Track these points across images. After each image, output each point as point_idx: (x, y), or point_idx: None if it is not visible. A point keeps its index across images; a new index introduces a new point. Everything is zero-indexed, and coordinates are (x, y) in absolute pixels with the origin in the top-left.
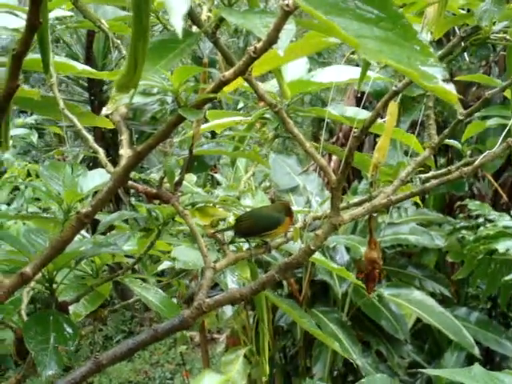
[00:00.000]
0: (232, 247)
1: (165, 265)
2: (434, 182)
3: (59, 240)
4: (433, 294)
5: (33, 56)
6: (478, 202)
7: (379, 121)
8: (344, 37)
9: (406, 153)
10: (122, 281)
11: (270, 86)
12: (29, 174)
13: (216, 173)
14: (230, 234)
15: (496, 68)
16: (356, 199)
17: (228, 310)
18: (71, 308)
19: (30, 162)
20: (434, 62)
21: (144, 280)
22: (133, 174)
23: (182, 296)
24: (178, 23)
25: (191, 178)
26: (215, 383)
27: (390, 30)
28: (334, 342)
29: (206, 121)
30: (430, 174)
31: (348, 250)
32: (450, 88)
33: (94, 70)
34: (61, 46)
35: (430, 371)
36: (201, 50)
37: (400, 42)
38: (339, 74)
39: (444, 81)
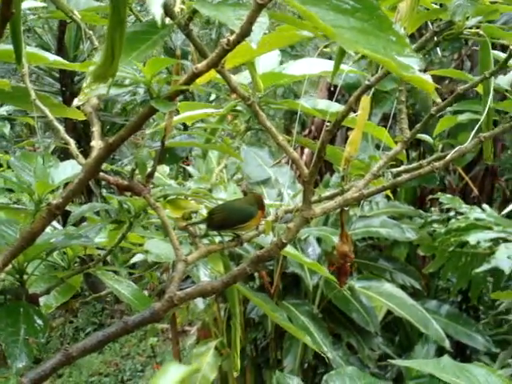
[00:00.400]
0: (205, 240)
1: (137, 257)
2: (405, 176)
3: (30, 231)
4: (403, 287)
5: (4, 47)
6: (449, 196)
7: (351, 115)
8: (321, 26)
9: (377, 146)
10: (94, 273)
11: (242, 78)
12: None
13: (188, 165)
14: (202, 226)
15: (468, 62)
16: (328, 193)
17: (200, 303)
18: (42, 300)
19: (0, 153)
20: (409, 53)
21: (116, 272)
22: (104, 166)
23: (154, 288)
24: (157, 11)
25: (164, 169)
26: (181, 374)
27: (365, 21)
28: (305, 336)
29: (178, 112)
30: (402, 168)
31: (320, 242)
32: (427, 78)
33: (65, 61)
34: (32, 37)
35: (400, 362)
36: (172, 42)
37: (376, 32)
38: (311, 66)
39: (420, 71)
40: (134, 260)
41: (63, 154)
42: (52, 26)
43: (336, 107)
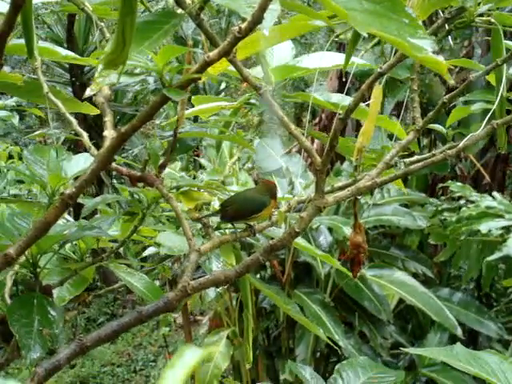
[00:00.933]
0: (217, 233)
1: (149, 251)
2: (418, 164)
3: (43, 221)
4: (415, 275)
5: (16, 41)
6: (460, 184)
7: (362, 105)
8: (335, 8)
9: (389, 136)
10: (107, 266)
11: (256, 72)
12: (10, 157)
13: (198, 155)
14: (214, 219)
15: (478, 49)
16: (340, 183)
17: (211, 292)
18: (55, 292)
19: (10, 144)
20: (422, 35)
21: (128, 265)
22: (116, 158)
23: (163, 278)
24: None
25: (175, 164)
26: (197, 357)
27: (378, 3)
28: (318, 329)
29: (192, 106)
30: (415, 158)
31: (331, 230)
32: (440, 59)
33: (77, 56)
34: (41, 27)
35: (413, 350)
36: (183, 31)
37: (388, 14)
38: (324, 59)
39: (434, 53)
40: (146, 253)
41: (73, 145)
42: (61, 18)
43: (348, 100)
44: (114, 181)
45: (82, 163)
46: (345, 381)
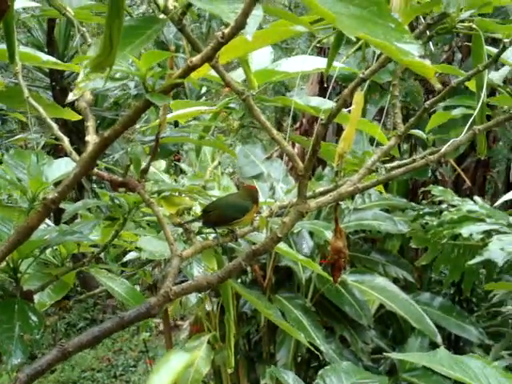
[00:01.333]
0: (198, 238)
1: (130, 255)
2: (399, 169)
3: (25, 226)
4: (396, 280)
5: None
6: (441, 188)
7: (344, 110)
8: (322, 11)
9: (371, 140)
10: (88, 270)
11: (236, 76)
12: None
13: (179, 160)
14: (196, 224)
15: (459, 53)
16: (322, 188)
17: (192, 297)
18: (36, 297)
19: None
20: (409, 39)
21: (109, 270)
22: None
23: (144, 283)
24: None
25: (160, 164)
26: (183, 362)
27: (364, 8)
28: (299, 334)
29: (171, 110)
30: (396, 163)
31: (312, 235)
32: (427, 62)
33: (58, 61)
34: (22, 31)
35: (396, 355)
36: (164, 36)
37: (375, 19)
38: (305, 63)
39: (420, 57)
40: (127, 258)
41: (53, 150)
42: (41, 22)
43: (329, 104)
44: (95, 185)
45: (63, 168)
46: None
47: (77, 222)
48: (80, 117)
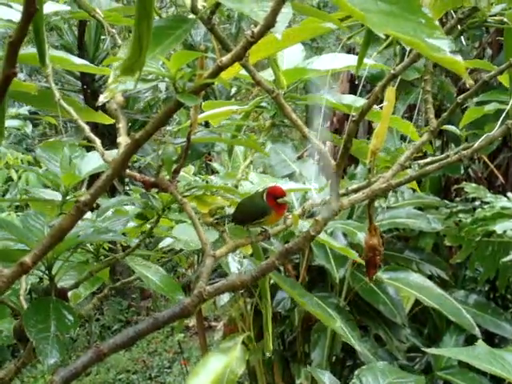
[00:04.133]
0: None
1: (166, 242)
2: (433, 165)
3: (59, 229)
4: (430, 278)
5: (28, 50)
6: (474, 185)
7: (375, 107)
8: (350, 9)
9: (402, 137)
10: (122, 259)
11: (267, 75)
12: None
13: (210, 161)
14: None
15: (489, 50)
16: (354, 185)
17: (224, 297)
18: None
19: (23, 152)
20: (440, 35)
21: (144, 258)
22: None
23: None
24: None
25: (189, 167)
26: (222, 364)
27: (393, 4)
28: (335, 322)
29: (202, 111)
30: (429, 159)
31: (345, 235)
32: (458, 58)
33: (90, 64)
34: (52, 35)
35: (434, 351)
36: (192, 38)
37: (404, 15)
38: (336, 61)
39: (451, 52)
40: (162, 244)
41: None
42: (72, 26)
43: (361, 102)
44: (127, 187)
45: (96, 161)
46: None
47: (109, 216)
48: (112, 121)
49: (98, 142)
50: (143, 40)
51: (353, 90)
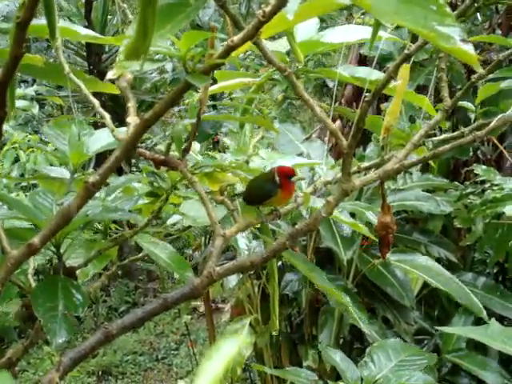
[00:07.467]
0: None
1: (174, 219)
2: (446, 146)
3: (67, 209)
4: (439, 260)
5: (37, 22)
6: (484, 167)
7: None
8: None
9: (411, 119)
10: (131, 237)
11: (278, 46)
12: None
13: (218, 141)
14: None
15: (499, 31)
16: (367, 163)
17: (232, 279)
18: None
19: (30, 133)
20: (451, 22)
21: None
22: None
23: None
24: None
25: (195, 146)
26: (234, 349)
27: None
28: (343, 297)
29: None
30: (443, 136)
31: (353, 216)
32: (469, 48)
33: (98, 35)
34: (59, 15)
35: (446, 329)
36: (199, 18)
37: (415, 0)
38: (350, 33)
39: (462, 41)
40: (170, 221)
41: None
42: (78, 6)
43: (376, 74)
44: (134, 168)
45: (104, 138)
46: (376, 364)
47: (119, 195)
48: (120, 91)
49: (107, 117)
50: (148, 23)
51: None
